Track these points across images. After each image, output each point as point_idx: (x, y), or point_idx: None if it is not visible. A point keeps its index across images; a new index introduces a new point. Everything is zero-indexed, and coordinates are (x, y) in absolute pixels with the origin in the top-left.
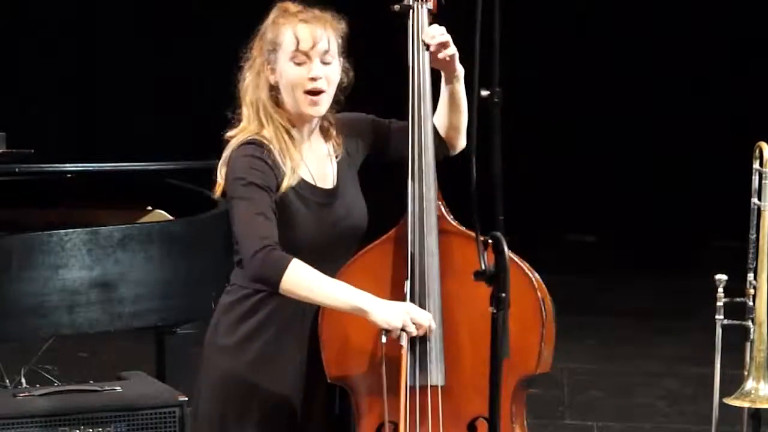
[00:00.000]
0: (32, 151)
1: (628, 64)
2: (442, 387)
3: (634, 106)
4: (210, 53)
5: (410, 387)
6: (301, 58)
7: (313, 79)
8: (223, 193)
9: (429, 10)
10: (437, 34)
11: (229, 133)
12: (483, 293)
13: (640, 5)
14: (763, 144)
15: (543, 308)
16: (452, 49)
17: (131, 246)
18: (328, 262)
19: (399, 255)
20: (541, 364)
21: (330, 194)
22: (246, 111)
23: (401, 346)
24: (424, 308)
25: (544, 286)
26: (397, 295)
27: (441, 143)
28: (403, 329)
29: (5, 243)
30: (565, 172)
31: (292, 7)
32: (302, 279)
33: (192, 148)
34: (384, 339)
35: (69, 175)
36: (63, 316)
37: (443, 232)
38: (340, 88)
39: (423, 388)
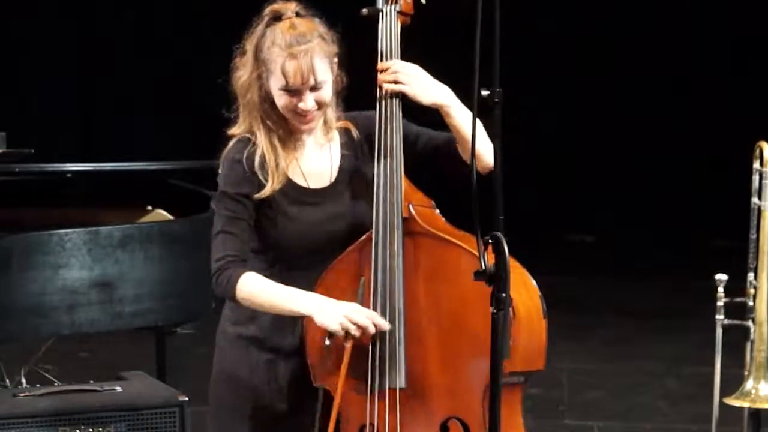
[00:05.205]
0: (32, 151)
1: (628, 64)
2: (403, 389)
3: (633, 106)
4: (209, 52)
5: (377, 391)
6: (292, 92)
7: (303, 109)
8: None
9: (399, 12)
10: (386, 69)
11: (231, 131)
12: (452, 294)
13: (640, 5)
14: (763, 144)
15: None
16: (400, 86)
17: (131, 246)
18: (321, 262)
19: (370, 258)
20: (513, 360)
21: (320, 194)
22: (242, 108)
23: (346, 348)
24: (386, 309)
25: (532, 283)
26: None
27: (463, 164)
28: (346, 333)
29: (5, 243)
30: (565, 172)
31: (284, 13)
32: (251, 293)
33: (192, 148)
34: (327, 342)
35: (69, 175)
36: (63, 316)
37: (411, 233)
38: (335, 93)
39: (390, 391)
